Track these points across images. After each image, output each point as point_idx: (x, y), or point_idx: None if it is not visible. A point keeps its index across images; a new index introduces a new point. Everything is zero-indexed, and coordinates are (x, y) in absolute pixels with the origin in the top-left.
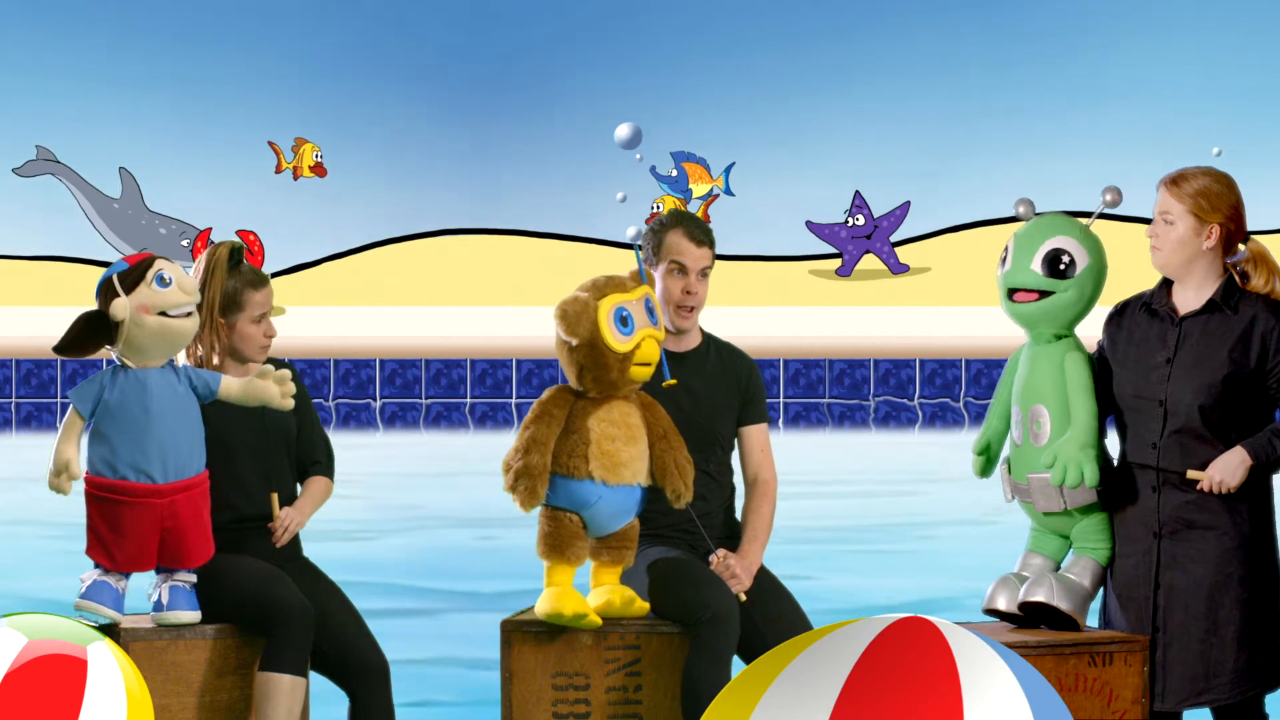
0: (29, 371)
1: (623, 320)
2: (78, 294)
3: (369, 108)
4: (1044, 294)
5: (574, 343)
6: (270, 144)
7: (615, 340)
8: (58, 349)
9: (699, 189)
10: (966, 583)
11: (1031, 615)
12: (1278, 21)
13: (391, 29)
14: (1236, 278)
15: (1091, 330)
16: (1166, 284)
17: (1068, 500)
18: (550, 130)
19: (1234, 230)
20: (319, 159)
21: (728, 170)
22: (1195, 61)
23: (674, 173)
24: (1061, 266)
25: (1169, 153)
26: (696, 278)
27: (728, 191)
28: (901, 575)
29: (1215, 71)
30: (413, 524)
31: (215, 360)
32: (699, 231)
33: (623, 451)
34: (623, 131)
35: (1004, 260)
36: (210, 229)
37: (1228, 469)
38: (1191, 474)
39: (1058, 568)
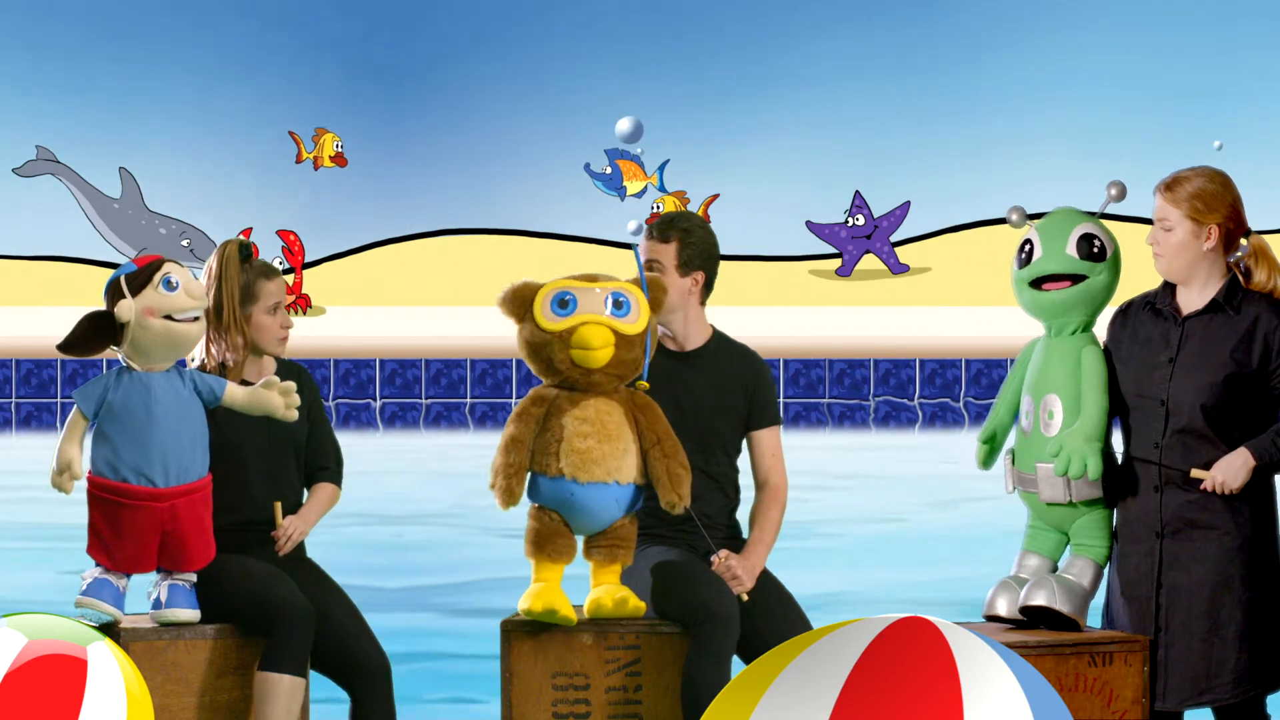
0: (29, 371)
1: (561, 303)
2: (78, 294)
3: (370, 106)
4: (1076, 280)
5: (517, 325)
6: (291, 134)
7: (545, 319)
8: (62, 347)
9: (633, 186)
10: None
11: (1032, 617)
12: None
13: (390, 25)
14: (1240, 277)
15: (1097, 330)
16: (1171, 283)
17: (1073, 492)
18: (550, 129)
19: (1233, 228)
20: (339, 149)
21: (661, 168)
22: (1196, 56)
23: (607, 170)
24: (1095, 249)
25: (1170, 149)
26: (646, 271)
27: (661, 189)
28: (869, 571)
29: (1216, 68)
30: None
31: (236, 359)
32: (655, 226)
33: (595, 449)
34: (623, 126)
35: (1026, 254)
36: (250, 229)
37: (1230, 470)
38: (1195, 473)
39: (1054, 567)
